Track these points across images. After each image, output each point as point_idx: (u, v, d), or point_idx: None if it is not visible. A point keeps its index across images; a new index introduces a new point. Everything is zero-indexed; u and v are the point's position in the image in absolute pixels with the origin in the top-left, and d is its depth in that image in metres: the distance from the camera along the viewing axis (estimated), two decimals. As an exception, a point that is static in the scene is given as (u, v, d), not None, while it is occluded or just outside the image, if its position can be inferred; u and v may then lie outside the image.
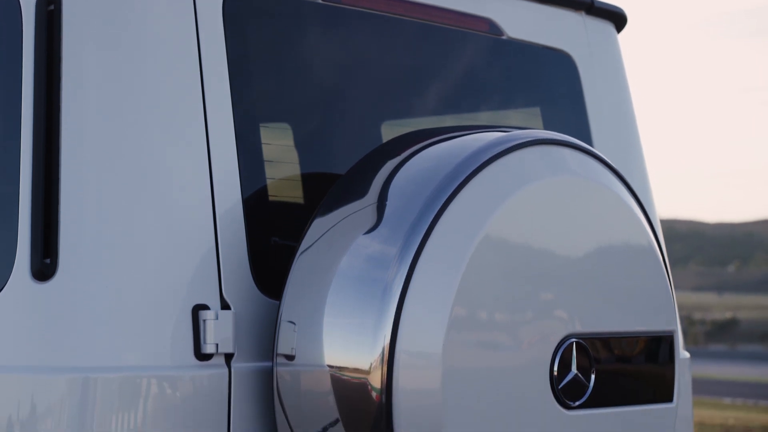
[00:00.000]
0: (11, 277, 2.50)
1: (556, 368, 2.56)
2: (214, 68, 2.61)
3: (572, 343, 2.59)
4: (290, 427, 2.52)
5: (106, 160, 2.49)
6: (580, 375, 2.61)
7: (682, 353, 3.24)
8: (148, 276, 2.49)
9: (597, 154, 2.73)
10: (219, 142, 2.59)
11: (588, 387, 2.62)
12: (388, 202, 2.55)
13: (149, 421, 2.43)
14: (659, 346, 2.79)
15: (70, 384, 2.40)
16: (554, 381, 2.55)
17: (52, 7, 2.51)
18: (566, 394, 2.58)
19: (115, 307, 2.45)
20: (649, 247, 2.76)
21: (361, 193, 2.60)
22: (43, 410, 2.42)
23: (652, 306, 2.77)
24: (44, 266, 2.46)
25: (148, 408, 2.43)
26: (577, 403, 2.59)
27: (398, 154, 2.65)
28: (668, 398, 2.80)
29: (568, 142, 2.68)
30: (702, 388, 19.90)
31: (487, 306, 2.48)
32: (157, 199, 2.52)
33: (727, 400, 19.58)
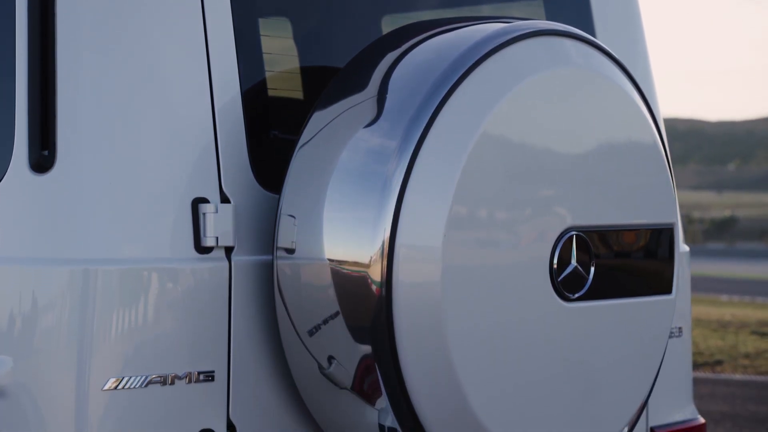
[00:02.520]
0: (9, 168, 2.49)
1: (555, 261, 2.56)
2: (212, -42, 2.57)
3: (572, 236, 2.59)
4: (290, 320, 2.53)
5: (104, 53, 2.47)
6: (579, 268, 2.61)
7: (682, 246, 3.25)
8: (147, 169, 2.48)
9: (601, 45, 2.70)
10: (217, 35, 2.57)
11: (587, 279, 2.63)
12: (387, 96, 2.53)
13: (150, 312, 2.45)
14: (659, 239, 2.79)
15: (70, 276, 2.41)
16: (554, 274, 2.56)
17: None
18: (566, 286, 2.58)
19: (115, 199, 2.45)
20: (651, 140, 2.74)
21: (361, 86, 2.58)
22: (44, 302, 2.43)
23: (653, 199, 2.77)
24: (42, 158, 2.46)
25: (148, 300, 2.45)
26: (577, 296, 2.60)
27: (398, 47, 2.62)
28: (667, 290, 2.81)
29: (572, 32, 2.65)
30: (699, 285, 20.04)
31: (488, 199, 2.48)
32: (155, 91, 2.50)
33: (724, 297, 19.74)
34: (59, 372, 2.39)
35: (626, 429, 2.77)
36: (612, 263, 2.70)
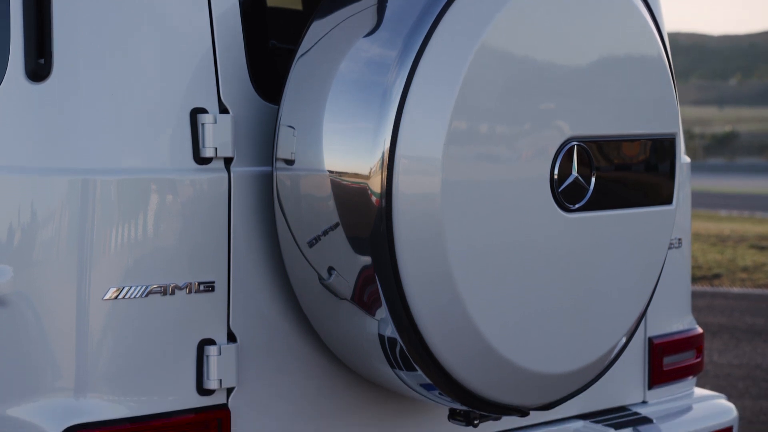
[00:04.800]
0: (5, 77, 2.47)
1: (556, 172, 2.55)
2: None
3: (573, 146, 2.58)
4: (290, 231, 2.53)
5: None
6: (580, 178, 2.60)
7: (683, 158, 3.24)
8: (145, 78, 2.46)
9: None
10: None
11: (588, 190, 2.62)
12: (387, 4, 2.50)
13: (149, 223, 2.44)
14: (660, 149, 2.78)
15: (69, 186, 2.40)
16: (554, 184, 2.55)
17: None
18: (566, 197, 2.58)
19: (112, 109, 2.43)
20: (654, 49, 2.72)
21: (361, -6, 2.55)
22: (43, 212, 2.43)
23: (655, 109, 2.75)
24: (38, 66, 2.43)
25: (148, 210, 2.44)
26: (577, 206, 2.60)
27: (398, -45, 2.58)
28: (668, 201, 2.80)
29: None
30: (699, 201, 20.03)
31: (488, 109, 2.46)
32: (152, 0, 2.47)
33: (723, 212, 19.77)
34: (59, 282, 2.40)
35: (624, 339, 2.79)
36: (613, 174, 2.69)
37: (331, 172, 2.45)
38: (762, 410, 6.36)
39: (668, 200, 2.80)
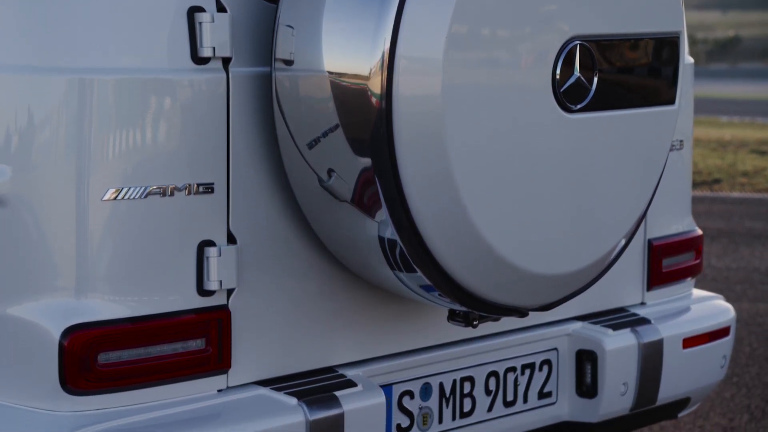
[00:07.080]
0: (0, -26, 2.44)
1: (558, 71, 2.53)
2: None
3: (576, 46, 2.55)
4: (290, 133, 2.52)
5: None
6: (582, 78, 2.58)
7: (686, 58, 3.21)
8: (141, -24, 2.43)
9: None
10: None
11: (590, 90, 2.60)
12: None
13: (147, 123, 2.43)
14: (663, 48, 2.75)
15: (67, 85, 2.38)
16: (556, 84, 2.53)
17: None
18: (568, 97, 2.56)
19: (109, 7, 2.40)
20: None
21: None
22: (41, 111, 2.41)
23: (658, 7, 2.72)
24: (33, -37, 2.40)
25: (145, 111, 2.42)
26: (579, 107, 2.58)
27: None
28: (670, 101, 2.79)
29: None
30: (700, 107, 19.96)
31: (489, 8, 2.43)
32: None
33: (724, 118, 19.71)
34: (58, 182, 2.39)
35: (624, 240, 2.79)
36: (615, 74, 2.67)
37: (330, 72, 2.43)
38: (759, 312, 6.41)
39: (671, 101, 2.79)
